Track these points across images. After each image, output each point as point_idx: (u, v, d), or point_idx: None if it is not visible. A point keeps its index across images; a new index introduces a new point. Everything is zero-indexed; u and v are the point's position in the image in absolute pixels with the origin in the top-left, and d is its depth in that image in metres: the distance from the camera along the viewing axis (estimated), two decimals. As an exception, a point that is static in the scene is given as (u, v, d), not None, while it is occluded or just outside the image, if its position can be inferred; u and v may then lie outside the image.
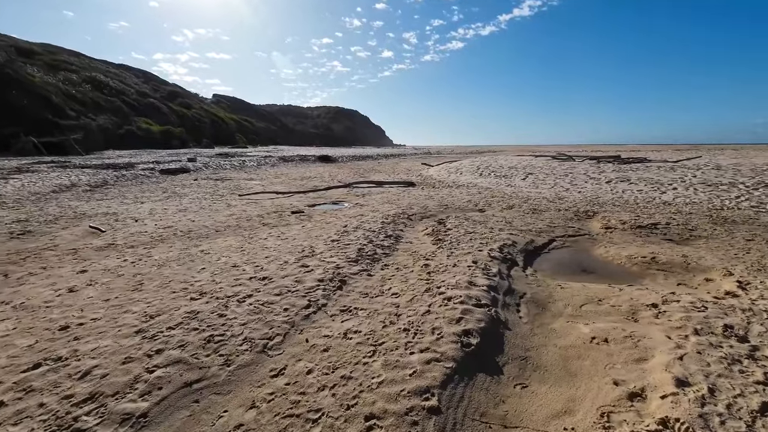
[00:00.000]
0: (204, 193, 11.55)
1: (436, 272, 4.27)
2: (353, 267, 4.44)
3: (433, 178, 15.75)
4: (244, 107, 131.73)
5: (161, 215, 8.11)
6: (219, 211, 8.63)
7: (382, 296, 3.66)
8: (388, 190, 12.36)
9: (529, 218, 7.57)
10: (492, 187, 11.96)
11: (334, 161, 31.63)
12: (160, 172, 17.76)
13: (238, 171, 20.88)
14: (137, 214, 8.25)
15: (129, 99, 53.23)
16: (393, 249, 5.36)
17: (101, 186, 13.25)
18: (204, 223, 7.30)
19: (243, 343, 2.78)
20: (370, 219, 7.30)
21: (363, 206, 9.19)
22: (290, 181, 15.80)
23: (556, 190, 11.01)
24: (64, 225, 7.22)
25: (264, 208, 9.11)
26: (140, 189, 12.58)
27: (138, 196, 10.79)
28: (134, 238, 6.22)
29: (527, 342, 2.96)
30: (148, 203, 9.69)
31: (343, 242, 5.50)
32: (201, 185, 13.85)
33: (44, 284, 4.10)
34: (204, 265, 4.64)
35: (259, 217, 8.01)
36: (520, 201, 9.57)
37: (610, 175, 12.21)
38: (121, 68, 74.87)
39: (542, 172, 13.99)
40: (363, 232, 6.11)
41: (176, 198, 10.57)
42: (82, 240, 6.22)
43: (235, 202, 10.00)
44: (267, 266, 4.50)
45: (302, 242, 5.66)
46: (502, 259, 4.80)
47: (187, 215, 8.10)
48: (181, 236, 6.36)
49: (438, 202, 9.57)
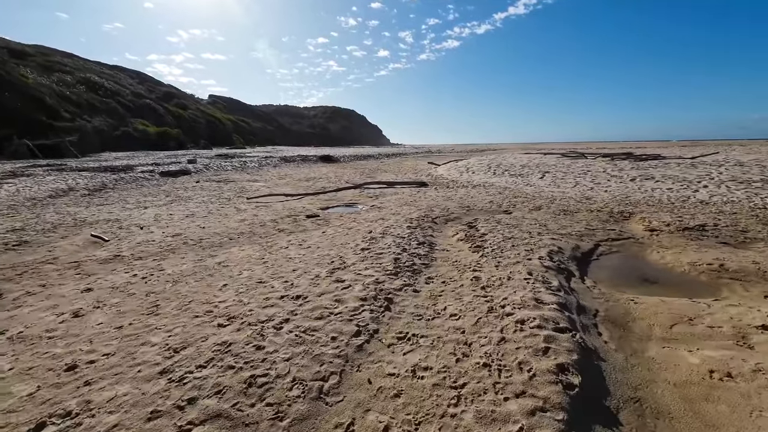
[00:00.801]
0: (209, 197, 11.00)
1: (491, 287, 3.77)
2: (394, 281, 3.94)
3: (444, 178, 15.25)
4: (240, 108, 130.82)
5: (167, 221, 7.57)
6: (229, 216, 8.10)
7: (439, 318, 3.16)
8: (401, 191, 11.86)
9: (563, 220, 7.09)
10: (511, 187, 11.47)
11: (336, 161, 31.06)
12: (161, 175, 17.17)
13: (240, 172, 20.30)
14: (141, 220, 7.70)
15: (124, 100, 52.40)
16: (431, 258, 4.85)
17: (100, 190, 12.66)
18: (215, 230, 6.78)
19: (293, 386, 2.27)
20: (393, 223, 6.79)
21: (381, 209, 8.68)
22: (296, 183, 15.26)
23: (579, 189, 10.53)
24: (64, 234, 6.68)
25: (276, 212, 8.59)
26: (141, 192, 12.01)
27: (140, 201, 10.22)
28: (141, 248, 5.69)
29: (630, 377, 2.47)
30: (152, 208, 9.13)
31: (374, 251, 4.99)
32: (204, 188, 13.29)
33: (44, 307, 3.57)
34: (225, 281, 4.12)
35: (272, 222, 7.49)
36: (546, 201, 9.10)
37: (631, 173, 11.77)
38: (115, 69, 73.90)
39: (558, 170, 13.53)
40: (392, 239, 5.61)
41: (181, 202, 10.02)
42: (84, 251, 5.68)
43: (244, 206, 9.46)
44: (297, 281, 3.99)
45: (328, 251, 5.14)
46: (556, 269, 4.31)
47: (195, 221, 7.56)
48: (193, 245, 5.83)
49: (458, 204, 9.08)
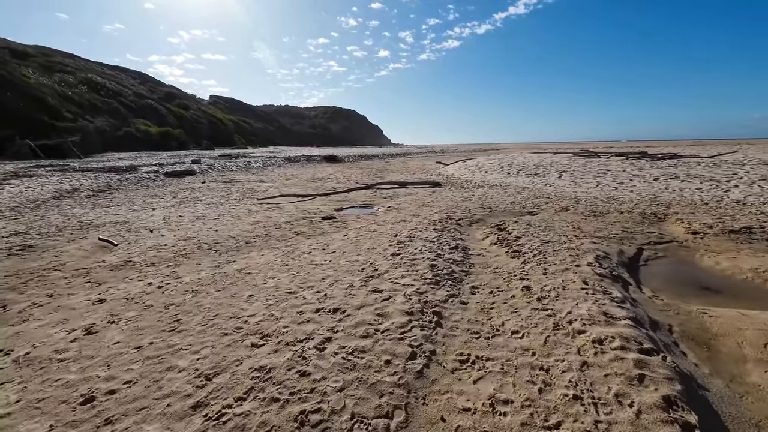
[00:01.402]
0: (218, 198, 10.65)
1: (547, 298, 3.40)
2: (437, 291, 3.58)
3: (457, 178, 14.88)
4: (241, 108, 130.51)
5: (178, 224, 7.22)
6: (241, 218, 7.74)
7: (500, 336, 2.80)
8: (415, 192, 11.49)
9: (595, 222, 6.72)
10: (529, 187, 11.09)
11: (341, 161, 30.70)
12: (165, 175, 16.83)
13: (245, 172, 19.95)
14: (150, 222, 7.35)
15: (126, 100, 52.14)
16: (468, 264, 4.49)
17: (105, 191, 12.32)
18: (229, 233, 6.42)
19: (353, 425, 1.91)
20: (417, 226, 6.43)
21: (399, 210, 8.32)
22: (304, 183, 14.91)
23: (603, 189, 10.12)
24: (70, 237, 6.33)
25: (289, 213, 8.23)
26: (147, 193, 11.67)
27: (147, 202, 9.87)
28: (153, 253, 5.33)
29: (744, 411, 2.11)
30: (160, 210, 8.78)
31: (407, 257, 4.63)
32: (211, 189, 12.94)
33: (53, 321, 3.22)
34: (250, 291, 3.76)
35: (288, 224, 7.13)
36: (571, 202, 8.72)
37: (653, 172, 11.39)
38: (116, 70, 73.66)
39: (575, 169, 13.15)
40: (422, 243, 5.24)
41: (189, 203, 9.66)
42: (93, 256, 5.33)
43: (255, 207, 9.10)
44: (330, 292, 3.63)
45: (356, 257, 4.78)
46: (610, 277, 3.95)
47: (206, 224, 7.21)
48: (208, 250, 5.48)
49: (478, 204, 8.71)
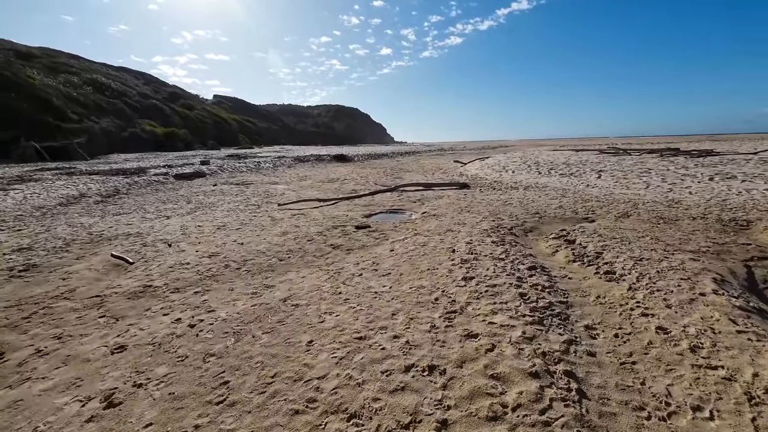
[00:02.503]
0: (235, 203, 9.91)
1: (702, 348, 2.60)
2: (548, 335, 2.80)
3: (482, 178, 14.05)
4: (245, 107, 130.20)
5: (197, 235, 6.48)
6: (266, 228, 7.00)
7: (680, 415, 2.01)
8: (444, 194, 10.69)
9: (671, 231, 5.91)
10: (569, 188, 10.26)
11: (351, 160, 29.94)
12: (175, 177, 16.16)
13: (256, 174, 19.24)
14: (167, 234, 6.62)
15: (131, 101, 51.69)
16: (561, 292, 3.70)
17: (113, 195, 11.64)
18: (257, 247, 5.67)
19: None
20: (469, 237, 5.64)
21: (438, 217, 7.53)
22: (320, 185, 14.15)
23: (656, 190, 9.18)
24: (79, 253, 5.61)
25: (317, 221, 7.48)
26: (159, 198, 10.96)
27: (160, 209, 9.15)
28: (175, 274, 4.60)
29: None
30: (175, 218, 8.06)
31: (482, 281, 3.85)
32: (225, 192, 12.22)
33: (63, 382, 2.48)
34: (307, 333, 3.00)
35: (320, 235, 6.37)
36: (627, 206, 7.88)
37: (703, 171, 10.52)
38: (121, 70, 73.38)
39: (613, 168, 12.28)
40: (490, 261, 4.46)
41: (206, 210, 8.93)
42: (106, 278, 4.60)
43: (278, 214, 8.36)
44: (411, 336, 2.85)
45: (418, 280, 4.01)
46: (754, 311, 3.15)
47: (230, 235, 6.47)
48: (238, 269, 4.73)
49: (523, 209, 7.91)
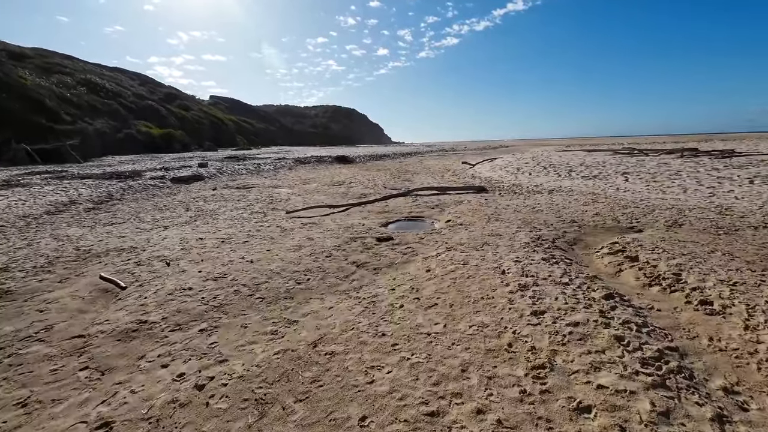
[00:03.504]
0: (238, 210, 9.14)
1: None
2: (685, 407, 2.08)
3: (498, 181, 13.34)
4: (241, 108, 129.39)
5: (199, 251, 5.72)
6: (276, 240, 6.24)
7: None
8: (462, 199, 9.97)
9: (739, 243, 5.21)
10: (598, 192, 9.57)
11: (353, 162, 29.19)
12: (172, 181, 15.35)
13: (257, 176, 18.46)
14: (165, 249, 5.86)
15: (126, 102, 50.71)
16: (664, 335, 2.96)
17: (106, 201, 10.85)
18: (269, 266, 4.93)
19: None
20: (512, 252, 4.93)
21: (465, 226, 6.80)
22: (326, 189, 13.40)
23: (696, 195, 8.37)
24: (63, 274, 4.85)
25: (332, 232, 6.74)
26: (155, 205, 10.18)
27: (157, 218, 8.37)
28: (176, 304, 3.85)
29: None
30: (174, 228, 7.29)
31: (559, 317, 3.12)
32: (226, 197, 11.45)
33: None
34: (353, 400, 2.26)
35: (338, 250, 5.63)
36: (673, 213, 7.18)
37: (740, 173, 9.86)
38: (115, 71, 72.35)
39: (639, 170, 11.60)
40: (553, 287, 3.73)
41: (207, 219, 8.16)
42: (93, 308, 3.85)
43: (286, 223, 7.60)
44: (497, 407, 2.13)
45: (474, 315, 3.28)
46: None
47: (236, 250, 5.71)
48: (249, 297, 3.99)
49: (556, 217, 7.21)
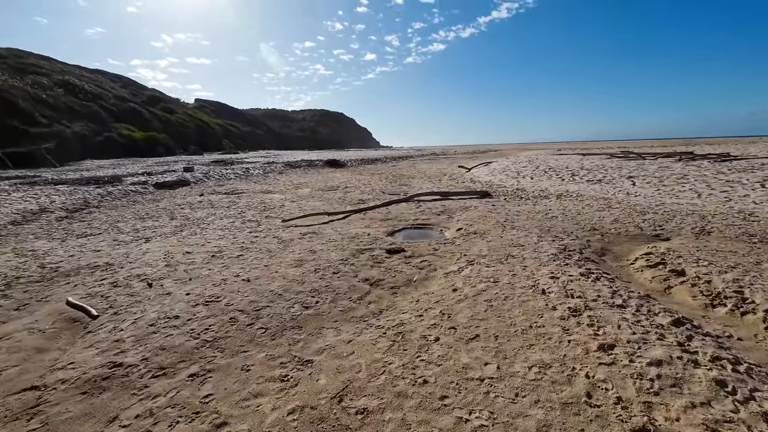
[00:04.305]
0: (229, 218, 8.40)
1: None
2: None
3: (500, 185, 12.91)
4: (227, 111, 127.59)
5: (187, 267, 5.01)
6: (274, 254, 5.56)
7: None
8: (469, 205, 9.46)
9: (783, 254, 4.82)
10: (609, 197, 9.19)
11: (345, 166, 28.54)
12: (155, 187, 14.42)
13: (246, 181, 17.64)
14: (146, 265, 5.12)
15: (107, 104, 48.92)
16: (764, 375, 2.46)
17: (82, 209, 9.93)
18: (269, 286, 4.26)
19: None
20: (539, 265, 4.39)
21: (480, 235, 6.25)
22: (321, 194, 12.73)
23: (712, 200, 8.04)
24: (21, 300, 4.08)
25: (335, 243, 6.09)
26: (136, 213, 9.33)
27: (137, 228, 7.56)
28: (158, 338, 3.16)
29: None
30: (157, 240, 6.52)
31: (634, 353, 2.57)
32: (215, 204, 10.67)
33: None
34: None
35: (346, 264, 5.00)
36: (696, 220, 6.80)
37: (747, 177, 9.65)
38: (96, 73, 70.18)
39: (641, 174, 11.34)
40: (612, 312, 3.19)
41: (194, 228, 7.40)
42: (53, 346, 3.13)
43: (283, 232, 6.92)
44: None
45: (528, 351, 2.70)
46: None
47: (229, 266, 5.02)
48: (249, 327, 3.33)
49: (573, 224, 6.75)
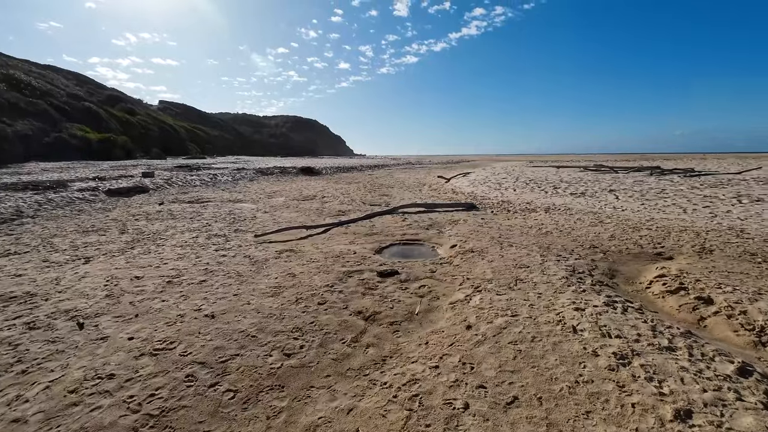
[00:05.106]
0: (192, 231, 7.34)
1: None
2: None
3: (481, 197, 12.57)
4: (195, 115, 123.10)
5: (133, 298, 4.03)
6: (245, 279, 4.68)
7: None
8: (458, 218, 8.94)
9: (798, 276, 4.58)
10: (598, 212, 8.98)
11: (320, 173, 27.58)
12: (107, 194, 12.88)
13: (213, 189, 16.33)
14: (80, 296, 4.08)
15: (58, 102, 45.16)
16: None
17: (11, 221, 8.46)
18: (239, 324, 3.41)
19: None
20: (554, 291, 3.85)
21: (481, 254, 5.66)
22: (297, 204, 11.83)
23: (698, 216, 7.81)
24: None
25: (318, 263, 5.29)
26: (79, 225, 8.03)
27: (78, 244, 6.37)
28: (78, 415, 2.24)
29: None
30: (99, 260, 5.41)
31: (718, 422, 2.01)
32: (176, 214, 9.50)
33: None
34: None
35: (333, 291, 4.22)
36: (690, 237, 6.60)
37: (722, 192, 9.84)
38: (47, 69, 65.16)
39: (620, 188, 11.39)
40: (665, 357, 2.64)
41: (148, 244, 6.32)
42: None
43: (257, 250, 6.01)
44: None
45: (585, 424, 2.08)
46: None
47: (188, 295, 4.09)
48: (213, 389, 2.48)
49: (571, 240, 6.36)
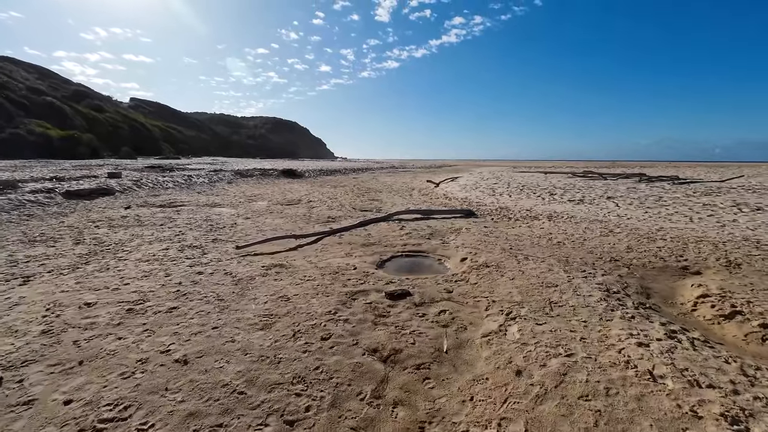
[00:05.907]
0: (161, 241, 6.35)
1: None
2: None
3: (476, 202, 12.06)
4: (169, 114, 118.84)
5: (79, 335, 3.12)
6: (228, 305, 3.83)
7: None
8: (458, 226, 8.33)
9: None
10: (604, 220, 8.60)
11: (303, 176, 26.56)
12: (65, 196, 11.50)
13: (188, 191, 15.11)
14: (6, 333, 3.13)
15: (15, 95, 42.01)
16: None
17: (-58, 228, 7.18)
18: (221, 375, 2.60)
19: None
20: (601, 320, 3.26)
21: (498, 269, 5.03)
22: (280, 209, 10.92)
23: (707, 225, 7.52)
24: None
25: (314, 282, 4.51)
26: (25, 234, 6.86)
27: (17, 258, 5.28)
28: None
29: None
30: (42, 281, 4.40)
31: None
32: (144, 220, 8.42)
33: None
34: None
35: (337, 321, 3.46)
36: (710, 249, 6.22)
37: (719, 200, 9.74)
38: (5, 60, 60.91)
39: (617, 195, 11.18)
40: None
41: (107, 258, 5.32)
42: None
43: (239, 265, 5.14)
44: None
45: None
46: None
47: (153, 329, 3.21)
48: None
49: (587, 252, 5.85)
